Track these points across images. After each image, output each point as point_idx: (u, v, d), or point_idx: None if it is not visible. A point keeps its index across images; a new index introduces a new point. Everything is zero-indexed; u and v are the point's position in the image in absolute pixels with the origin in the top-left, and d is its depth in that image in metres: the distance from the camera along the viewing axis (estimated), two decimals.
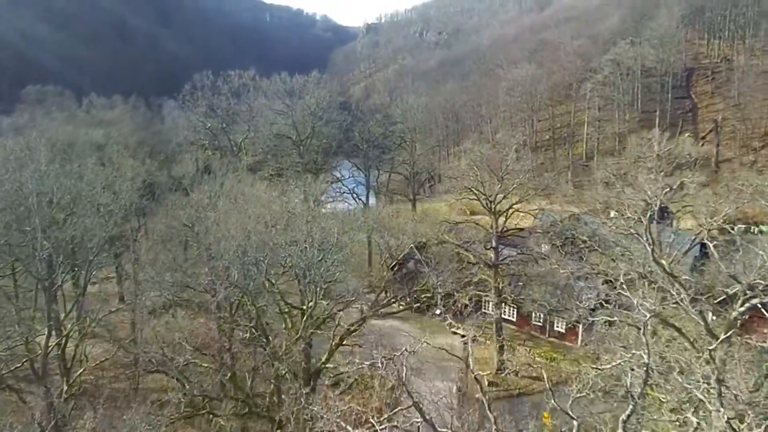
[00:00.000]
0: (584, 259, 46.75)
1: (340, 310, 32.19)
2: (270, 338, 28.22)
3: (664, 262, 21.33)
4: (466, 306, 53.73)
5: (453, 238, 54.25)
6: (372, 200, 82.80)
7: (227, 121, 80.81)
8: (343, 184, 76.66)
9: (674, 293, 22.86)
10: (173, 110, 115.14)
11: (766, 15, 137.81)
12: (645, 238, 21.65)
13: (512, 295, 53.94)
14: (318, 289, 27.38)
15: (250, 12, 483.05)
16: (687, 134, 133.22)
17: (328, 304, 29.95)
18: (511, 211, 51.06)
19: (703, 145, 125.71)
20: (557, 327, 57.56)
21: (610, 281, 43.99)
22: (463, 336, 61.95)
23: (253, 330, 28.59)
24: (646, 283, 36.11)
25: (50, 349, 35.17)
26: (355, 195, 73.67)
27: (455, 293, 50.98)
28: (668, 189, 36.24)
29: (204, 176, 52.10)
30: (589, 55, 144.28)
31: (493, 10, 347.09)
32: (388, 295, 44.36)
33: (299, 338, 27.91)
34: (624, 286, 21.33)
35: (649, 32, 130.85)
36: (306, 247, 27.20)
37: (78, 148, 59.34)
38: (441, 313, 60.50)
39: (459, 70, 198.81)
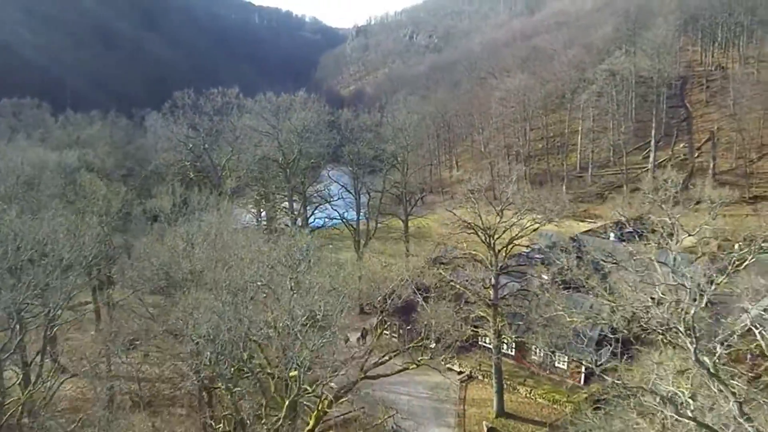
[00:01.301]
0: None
1: (326, 379, 28.77)
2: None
3: (707, 360, 18.23)
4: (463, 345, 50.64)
5: (450, 272, 51.25)
6: (362, 214, 79.46)
7: (209, 141, 76.99)
8: (333, 208, 73.14)
9: (716, 390, 19.70)
10: (157, 122, 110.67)
11: (761, 23, 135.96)
12: (685, 331, 18.52)
13: (512, 337, 50.84)
14: (301, 373, 23.99)
15: (239, 14, 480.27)
16: (682, 144, 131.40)
17: (313, 388, 26.51)
18: (510, 246, 48.11)
19: (698, 156, 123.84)
20: (558, 364, 54.51)
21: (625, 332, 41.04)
22: (459, 373, 58.92)
23: (231, 417, 25.20)
24: (666, 340, 32.99)
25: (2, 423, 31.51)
26: (345, 221, 70.18)
27: (451, 333, 47.74)
28: (686, 235, 33.25)
29: (182, 209, 48.37)
30: (583, 65, 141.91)
31: (483, 13, 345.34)
32: (381, 346, 40.95)
33: (281, 424, 24.55)
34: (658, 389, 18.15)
35: (645, 42, 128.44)
36: (288, 324, 23.91)
37: (47, 177, 55.28)
38: (432, 351, 57.13)
39: (450, 76, 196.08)
